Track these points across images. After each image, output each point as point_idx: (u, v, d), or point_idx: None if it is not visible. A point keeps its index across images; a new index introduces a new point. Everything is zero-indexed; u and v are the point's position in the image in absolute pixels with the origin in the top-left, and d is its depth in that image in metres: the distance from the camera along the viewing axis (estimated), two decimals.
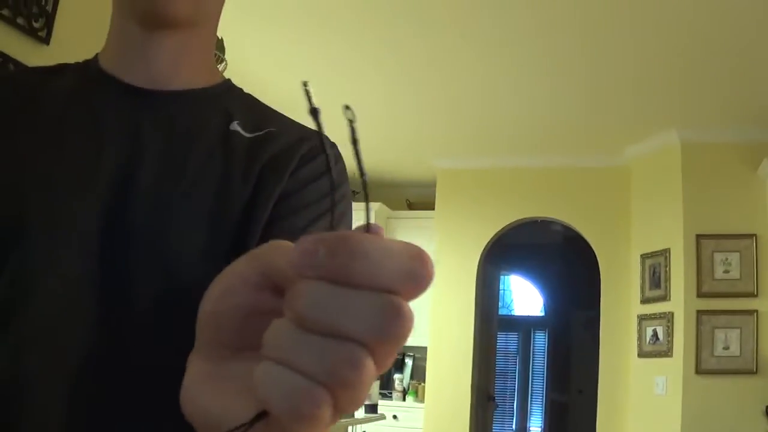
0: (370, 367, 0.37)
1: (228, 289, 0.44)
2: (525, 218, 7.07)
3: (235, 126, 0.91)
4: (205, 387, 0.44)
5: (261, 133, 0.92)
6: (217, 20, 1.01)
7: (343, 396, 0.37)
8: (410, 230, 7.88)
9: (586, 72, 5.11)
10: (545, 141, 6.57)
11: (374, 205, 7.62)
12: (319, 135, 0.42)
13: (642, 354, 6.10)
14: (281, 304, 0.39)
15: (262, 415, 0.39)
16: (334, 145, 0.88)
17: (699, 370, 5.61)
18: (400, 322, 0.36)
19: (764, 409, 5.46)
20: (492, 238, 7.10)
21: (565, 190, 6.90)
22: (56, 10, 2.95)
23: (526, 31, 4.59)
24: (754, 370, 5.55)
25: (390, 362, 0.38)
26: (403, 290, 0.37)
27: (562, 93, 5.50)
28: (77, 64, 0.99)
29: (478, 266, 7.08)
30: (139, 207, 0.81)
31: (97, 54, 0.98)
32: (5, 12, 2.72)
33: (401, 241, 0.38)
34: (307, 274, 0.37)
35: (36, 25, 2.85)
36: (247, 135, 0.91)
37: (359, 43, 4.89)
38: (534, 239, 9.81)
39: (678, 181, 5.95)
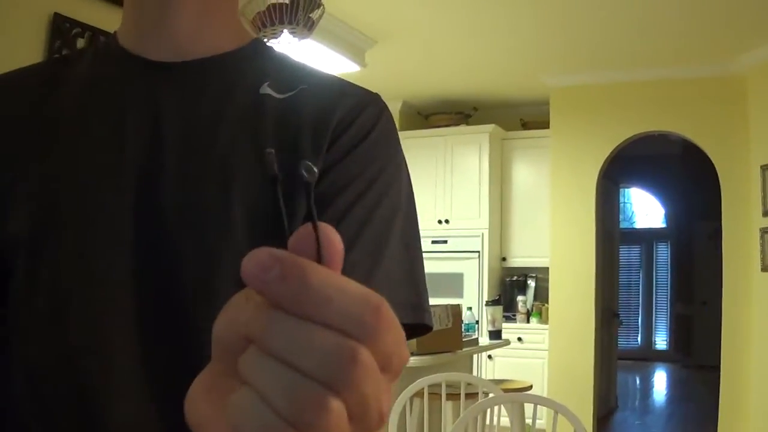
0: (337, 410, 0.35)
1: (231, 319, 0.40)
2: (641, 133, 6.93)
3: (266, 88, 0.84)
4: (204, 397, 0.42)
5: (293, 92, 0.84)
6: None
7: None
8: (525, 150, 7.83)
9: None
10: (657, 53, 6.38)
11: (488, 127, 7.66)
12: (276, 204, 0.40)
13: (765, 268, 5.93)
14: None
15: None
16: (378, 99, 0.87)
17: None
18: (356, 369, 0.35)
19: None
20: (609, 155, 7.01)
21: (680, 102, 6.68)
22: None
23: None
24: None
25: (372, 413, 0.37)
26: (355, 336, 0.35)
27: (672, 1, 5.35)
28: (97, 45, 0.92)
29: (597, 182, 7.02)
30: (168, 194, 0.78)
31: (115, 31, 0.91)
32: None
33: (364, 287, 0.37)
34: (257, 288, 0.36)
35: None
36: (279, 96, 0.84)
37: None
38: (653, 151, 9.61)
39: None
